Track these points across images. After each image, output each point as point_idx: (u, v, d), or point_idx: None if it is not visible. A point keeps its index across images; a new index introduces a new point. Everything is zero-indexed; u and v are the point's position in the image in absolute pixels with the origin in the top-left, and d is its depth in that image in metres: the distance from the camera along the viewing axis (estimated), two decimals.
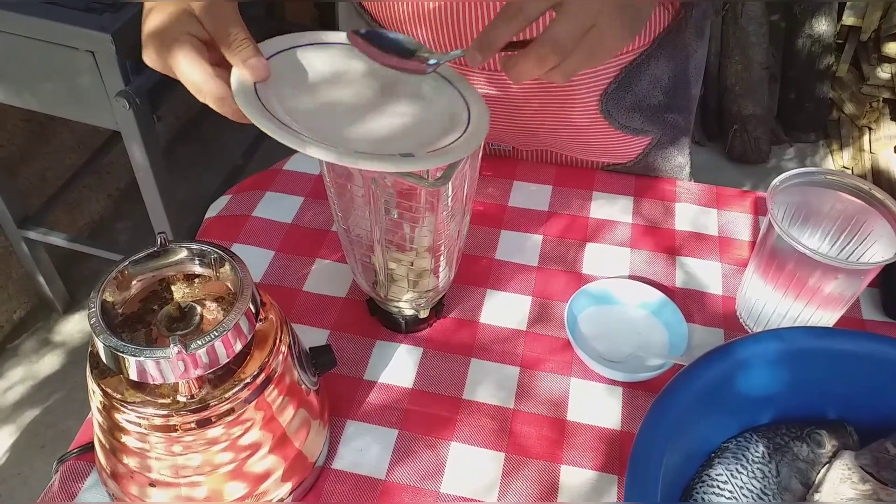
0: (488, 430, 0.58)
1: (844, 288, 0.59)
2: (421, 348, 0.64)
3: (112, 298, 0.47)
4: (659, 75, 0.73)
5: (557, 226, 0.75)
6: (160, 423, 0.45)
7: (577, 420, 0.59)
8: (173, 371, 0.43)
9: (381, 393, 0.61)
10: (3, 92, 1.20)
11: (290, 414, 0.50)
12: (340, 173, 0.55)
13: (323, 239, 0.73)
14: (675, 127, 0.79)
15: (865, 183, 0.60)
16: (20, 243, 1.50)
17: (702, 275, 0.70)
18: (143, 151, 1.22)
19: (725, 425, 0.55)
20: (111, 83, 1.11)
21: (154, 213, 1.36)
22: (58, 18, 1.07)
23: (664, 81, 0.74)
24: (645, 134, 0.78)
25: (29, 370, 1.59)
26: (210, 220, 0.75)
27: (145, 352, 0.43)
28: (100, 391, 0.46)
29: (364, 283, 0.63)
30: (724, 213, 0.77)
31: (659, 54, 0.71)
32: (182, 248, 0.48)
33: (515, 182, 0.79)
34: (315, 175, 0.79)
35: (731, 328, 0.66)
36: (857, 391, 0.55)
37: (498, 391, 0.61)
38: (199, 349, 0.43)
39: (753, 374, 0.53)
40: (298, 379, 0.51)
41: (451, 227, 0.57)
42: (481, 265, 0.71)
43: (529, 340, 0.64)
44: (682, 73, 0.75)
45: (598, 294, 0.67)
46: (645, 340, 0.64)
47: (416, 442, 0.57)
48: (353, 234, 0.59)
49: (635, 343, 0.64)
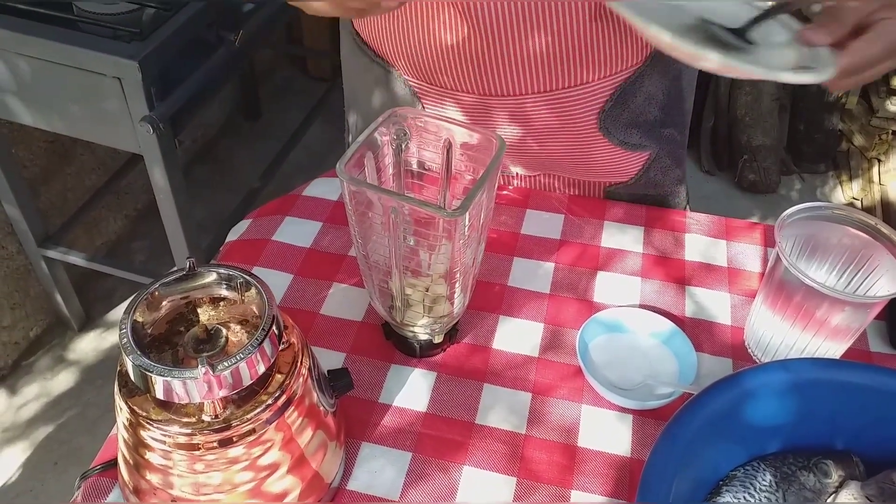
0: (500, 454, 0.59)
1: (851, 320, 0.60)
2: (435, 373, 0.65)
3: (142, 319, 0.49)
4: (653, 92, 0.76)
5: (569, 254, 0.76)
6: (184, 442, 0.47)
7: (587, 446, 0.60)
8: (199, 391, 0.45)
9: (396, 416, 0.62)
10: (31, 115, 1.24)
11: (309, 435, 0.52)
12: (361, 201, 0.57)
13: (340, 264, 0.75)
14: (672, 141, 0.82)
15: (872, 218, 0.62)
16: (39, 262, 1.53)
17: (711, 305, 0.72)
18: (163, 174, 1.25)
19: (734, 454, 0.56)
20: (136, 108, 1.14)
21: (172, 234, 1.39)
22: (87, 45, 1.11)
23: (659, 97, 0.77)
24: (643, 149, 0.80)
25: (43, 387, 1.61)
26: (231, 244, 0.77)
27: (174, 372, 0.44)
28: (127, 408, 0.48)
29: (381, 308, 0.64)
30: (733, 245, 0.78)
31: (652, 71, 0.74)
32: (210, 271, 0.50)
33: (528, 210, 0.81)
34: (333, 201, 0.81)
35: (740, 358, 0.67)
36: (864, 422, 0.56)
37: (510, 416, 0.62)
38: (225, 370, 0.45)
39: (761, 404, 0.54)
40: (317, 401, 0.53)
41: (466, 254, 0.58)
42: (494, 292, 0.72)
43: (541, 367, 0.66)
44: (675, 88, 0.78)
45: (609, 322, 0.68)
46: (655, 369, 0.66)
47: (430, 465, 0.59)
48: (371, 260, 0.61)
49: (646, 371, 0.65)
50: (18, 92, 1.20)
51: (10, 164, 1.38)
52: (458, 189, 0.64)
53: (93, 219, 1.77)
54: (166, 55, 1.15)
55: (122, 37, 1.13)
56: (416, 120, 0.60)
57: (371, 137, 0.58)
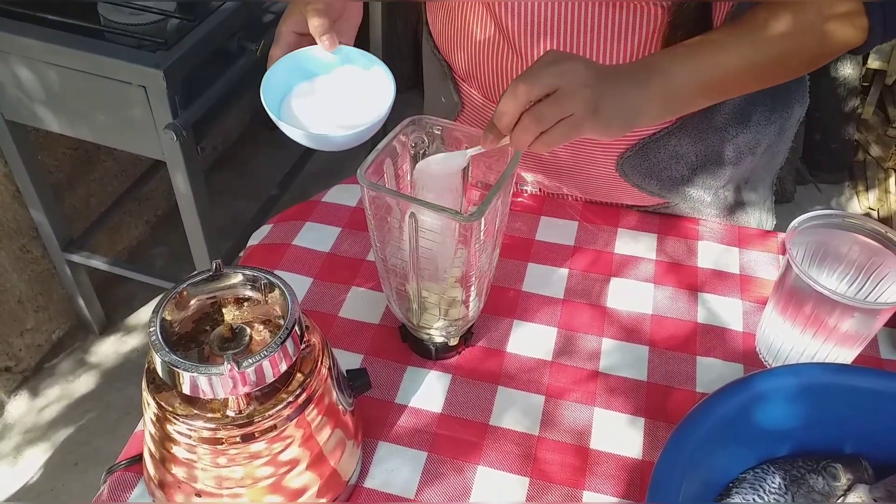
0: (514, 455, 0.61)
1: (860, 327, 0.61)
2: (450, 375, 0.67)
3: (170, 317, 0.51)
4: (682, 152, 0.74)
5: (583, 261, 0.78)
6: (208, 436, 0.49)
7: (599, 448, 0.61)
8: (223, 387, 0.47)
9: (412, 417, 0.63)
10: (58, 122, 1.27)
11: (328, 433, 0.53)
12: (380, 206, 0.59)
13: (359, 268, 0.76)
14: (697, 200, 0.80)
15: (882, 226, 0.63)
16: (63, 266, 1.56)
17: (723, 311, 0.73)
18: (186, 180, 1.27)
19: (743, 456, 0.56)
20: (160, 116, 1.17)
21: (193, 239, 1.42)
22: (113, 55, 1.14)
23: (690, 158, 0.75)
24: (661, 197, 0.79)
25: (65, 389, 1.64)
26: (253, 248, 0.80)
27: (200, 368, 0.46)
28: (154, 403, 0.50)
29: (398, 311, 0.66)
30: (745, 252, 0.79)
31: (681, 134, 0.73)
32: (236, 272, 0.52)
33: (542, 217, 0.83)
34: (352, 207, 0.83)
35: (751, 363, 0.68)
36: (873, 427, 0.56)
37: (523, 418, 0.63)
38: (249, 368, 0.47)
39: (771, 408, 0.55)
40: (336, 399, 0.55)
41: (482, 259, 0.60)
42: (509, 296, 0.74)
43: (555, 370, 0.67)
44: (714, 154, 0.75)
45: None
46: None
47: (445, 464, 0.60)
48: (389, 264, 0.62)
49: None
50: (46, 100, 1.24)
51: (37, 170, 1.41)
52: (475, 196, 0.65)
53: (115, 224, 1.80)
54: (190, 64, 1.18)
55: (147, 46, 1.16)
56: (434, 127, 0.62)
57: (390, 145, 0.60)
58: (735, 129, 0.74)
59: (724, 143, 0.75)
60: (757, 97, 0.73)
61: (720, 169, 0.77)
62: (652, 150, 0.74)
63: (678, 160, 0.75)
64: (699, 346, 0.69)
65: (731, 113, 0.73)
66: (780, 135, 0.79)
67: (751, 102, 0.73)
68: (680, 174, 0.77)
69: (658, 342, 0.70)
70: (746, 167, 0.79)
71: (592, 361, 0.68)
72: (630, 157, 0.74)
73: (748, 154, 0.77)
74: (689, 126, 0.72)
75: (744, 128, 0.74)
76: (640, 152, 0.74)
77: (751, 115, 0.74)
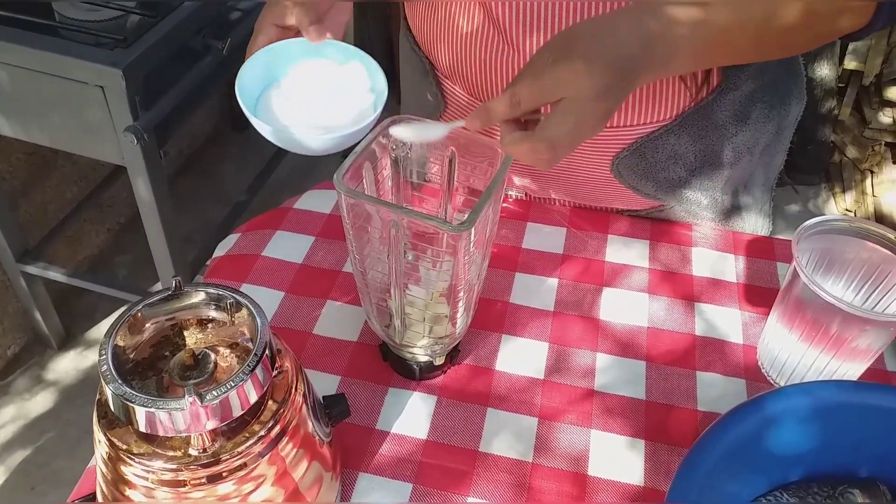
0: (506, 485, 0.56)
1: (873, 340, 0.57)
2: (435, 396, 0.62)
3: (124, 343, 0.45)
4: (681, 152, 0.71)
5: (573, 269, 0.73)
6: (169, 478, 0.43)
7: (598, 475, 0.57)
8: (186, 423, 0.41)
9: (395, 444, 0.58)
10: (10, 126, 1.20)
11: (304, 468, 0.48)
12: (359, 214, 0.53)
13: (334, 280, 0.71)
14: (693, 202, 0.77)
15: (891, 232, 0.59)
16: (18, 278, 1.48)
17: (721, 323, 0.69)
18: (148, 186, 1.21)
19: (755, 483, 0.53)
20: (119, 118, 1.11)
21: (156, 248, 1.35)
22: (68, 53, 1.07)
23: (689, 158, 0.72)
24: (657, 199, 0.76)
25: (21, 408, 1.55)
26: (218, 260, 0.74)
27: (158, 402, 0.41)
28: (106, 441, 0.44)
29: (378, 327, 0.61)
30: (741, 259, 0.75)
31: (681, 132, 0.69)
32: (198, 291, 0.47)
33: (529, 223, 0.78)
34: (326, 214, 0.78)
35: (753, 378, 0.64)
36: (889, 448, 0.53)
37: (516, 443, 0.59)
38: (214, 400, 0.41)
39: (783, 431, 0.51)
40: (312, 430, 0.49)
41: (471, 271, 0.55)
42: (496, 309, 0.69)
43: (547, 390, 0.63)
44: (713, 154, 0.72)
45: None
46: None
47: (431, 497, 0.55)
48: (368, 277, 0.57)
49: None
50: None
51: None
52: (458, 202, 0.61)
53: (74, 233, 1.72)
54: (151, 63, 1.12)
55: (105, 44, 1.09)
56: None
57: (369, 148, 0.55)
58: (734, 128, 0.71)
59: (724, 142, 0.72)
60: (756, 94, 0.70)
61: (718, 170, 0.74)
62: (649, 149, 0.70)
63: (676, 160, 0.72)
64: (698, 361, 0.65)
65: (731, 110, 0.70)
66: (778, 134, 0.76)
67: (750, 100, 0.70)
68: (677, 175, 0.73)
69: (655, 357, 0.66)
70: (744, 169, 0.76)
71: (587, 379, 0.64)
72: (626, 157, 0.70)
73: (746, 154, 0.74)
74: (690, 124, 0.69)
75: (743, 125, 0.71)
76: (637, 152, 0.70)
77: (750, 113, 0.71)
